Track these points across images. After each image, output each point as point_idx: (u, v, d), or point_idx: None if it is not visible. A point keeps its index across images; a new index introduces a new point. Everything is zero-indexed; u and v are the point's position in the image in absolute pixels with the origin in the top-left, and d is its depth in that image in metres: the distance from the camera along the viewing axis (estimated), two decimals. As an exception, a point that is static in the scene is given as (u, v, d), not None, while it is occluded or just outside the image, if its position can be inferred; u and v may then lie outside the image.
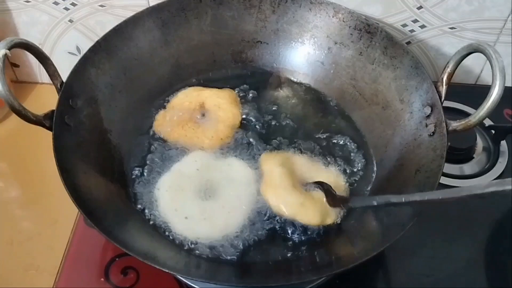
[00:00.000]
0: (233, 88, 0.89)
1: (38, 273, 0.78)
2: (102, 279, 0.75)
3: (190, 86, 0.88)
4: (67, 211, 0.81)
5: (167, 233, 0.70)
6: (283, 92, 0.90)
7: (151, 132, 0.82)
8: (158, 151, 0.80)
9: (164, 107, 0.86)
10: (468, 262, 0.79)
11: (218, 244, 0.69)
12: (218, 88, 0.88)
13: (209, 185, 0.75)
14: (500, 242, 0.82)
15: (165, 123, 0.82)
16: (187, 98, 0.85)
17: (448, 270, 0.78)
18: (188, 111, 0.84)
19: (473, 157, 0.91)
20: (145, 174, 0.77)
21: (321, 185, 0.74)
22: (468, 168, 0.90)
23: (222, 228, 0.70)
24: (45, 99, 1.03)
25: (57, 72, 0.71)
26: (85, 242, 0.80)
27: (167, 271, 0.58)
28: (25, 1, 0.94)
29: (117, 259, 0.77)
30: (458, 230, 0.82)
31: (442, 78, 0.73)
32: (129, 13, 0.85)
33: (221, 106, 0.84)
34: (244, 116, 0.85)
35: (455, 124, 0.70)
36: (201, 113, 0.84)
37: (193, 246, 0.69)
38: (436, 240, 0.81)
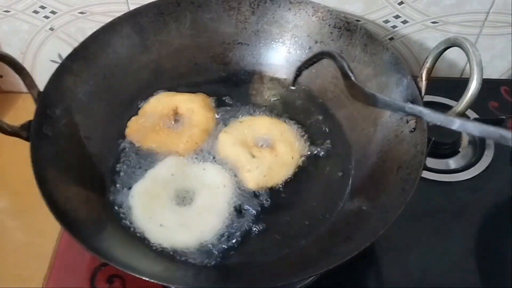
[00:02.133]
0: (214, 90, 0.89)
1: (25, 283, 0.77)
2: (88, 288, 0.75)
3: (171, 90, 0.88)
4: (53, 221, 0.80)
5: (146, 240, 0.70)
6: (265, 93, 0.90)
7: (124, 139, 0.82)
8: (133, 158, 0.79)
9: (136, 113, 0.85)
10: (460, 256, 0.79)
11: (196, 249, 0.68)
12: (193, 92, 0.87)
13: (184, 190, 0.75)
14: (492, 234, 0.82)
15: (138, 129, 0.82)
16: (159, 103, 0.85)
17: (440, 265, 0.77)
18: (161, 116, 0.83)
19: (459, 151, 0.91)
20: (122, 181, 0.76)
21: (329, 55, 0.73)
22: (454, 162, 0.90)
23: (198, 234, 0.69)
24: (30, 109, 1.02)
25: (34, 82, 0.71)
26: (70, 251, 0.80)
27: (148, 280, 0.58)
28: (4, 11, 0.93)
29: (102, 267, 0.77)
30: (450, 224, 0.82)
31: (422, 74, 0.73)
32: (110, 19, 0.85)
33: (194, 110, 0.83)
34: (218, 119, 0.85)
35: (434, 119, 0.69)
36: (175, 118, 0.83)
37: (172, 253, 0.68)
38: (427, 236, 0.81)
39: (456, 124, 0.55)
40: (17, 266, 0.80)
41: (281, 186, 0.77)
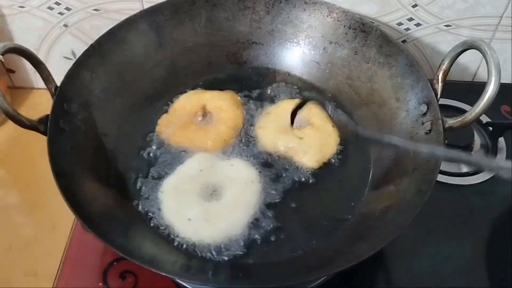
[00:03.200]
0: (229, 89, 0.88)
1: (37, 278, 0.77)
2: (101, 284, 0.74)
3: (186, 88, 0.88)
4: (65, 216, 0.80)
5: (168, 235, 0.70)
6: (280, 92, 0.90)
7: (151, 136, 0.82)
8: (160, 154, 0.79)
9: (166, 111, 0.85)
10: (469, 259, 0.79)
11: (220, 245, 0.69)
12: (219, 90, 0.87)
13: (212, 186, 0.75)
14: (501, 239, 0.81)
15: (168, 126, 0.82)
16: (189, 101, 0.85)
17: (449, 268, 0.77)
18: (190, 114, 0.84)
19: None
20: (149, 177, 0.76)
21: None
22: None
23: (225, 229, 0.70)
24: (42, 104, 1.02)
25: (51, 76, 0.71)
26: (82, 247, 0.79)
27: (166, 275, 0.58)
28: (19, 7, 0.94)
29: (115, 263, 0.76)
30: (459, 228, 0.82)
31: (438, 76, 0.73)
32: (124, 17, 0.85)
33: (223, 108, 0.84)
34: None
35: (451, 122, 0.70)
36: (203, 116, 0.84)
37: (193, 248, 0.68)
38: (437, 238, 0.81)
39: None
40: (28, 262, 0.79)
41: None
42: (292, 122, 0.82)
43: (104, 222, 0.64)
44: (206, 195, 0.74)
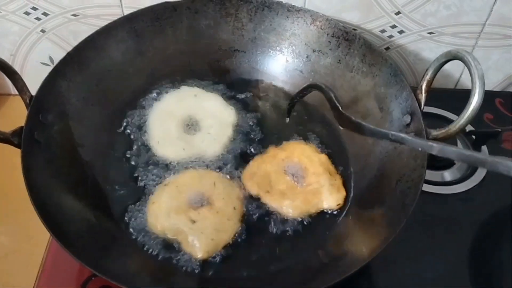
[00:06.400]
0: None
1: (14, 292, 0.75)
2: (78, 298, 0.73)
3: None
4: (42, 228, 0.78)
5: (145, 247, 0.68)
6: (261, 100, 0.89)
7: (131, 147, 0.80)
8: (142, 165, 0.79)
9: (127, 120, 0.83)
10: (454, 267, 0.78)
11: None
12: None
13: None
14: (486, 247, 0.81)
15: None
16: None
17: (435, 276, 0.77)
18: None
19: (454, 163, 0.90)
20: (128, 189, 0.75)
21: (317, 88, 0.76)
22: (449, 174, 0.89)
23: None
24: (19, 112, 0.99)
25: (26, 86, 0.69)
26: (60, 259, 0.77)
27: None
28: (-5, 12, 0.91)
29: (93, 278, 0.74)
30: (444, 236, 0.82)
31: (421, 86, 0.73)
32: (103, 23, 0.83)
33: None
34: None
35: (435, 133, 0.69)
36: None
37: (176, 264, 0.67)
38: (422, 246, 0.80)
39: (435, 149, 0.56)
40: (4, 274, 0.77)
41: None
42: (288, 113, 0.81)
43: (80, 238, 0.62)
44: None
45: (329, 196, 0.76)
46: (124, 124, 0.83)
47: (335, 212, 0.75)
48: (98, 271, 0.56)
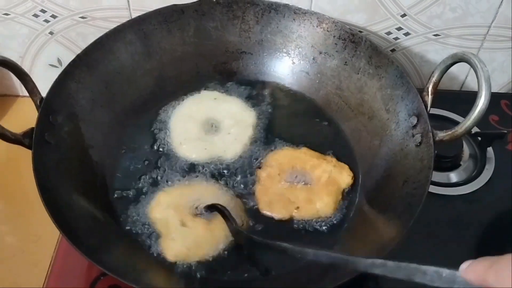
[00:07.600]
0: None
1: (22, 292, 0.76)
2: (87, 298, 0.73)
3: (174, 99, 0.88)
4: (51, 227, 0.79)
5: (151, 250, 0.69)
6: (268, 102, 0.89)
7: (140, 147, 0.81)
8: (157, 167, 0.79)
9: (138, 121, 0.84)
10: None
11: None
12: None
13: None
14: (492, 249, 0.81)
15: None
16: None
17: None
18: None
19: (460, 165, 0.91)
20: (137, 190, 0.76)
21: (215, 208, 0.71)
22: (455, 175, 0.89)
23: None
24: (27, 113, 0.99)
25: (36, 88, 0.70)
26: (69, 259, 0.77)
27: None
28: (4, 14, 0.92)
29: (102, 277, 0.75)
30: (450, 238, 0.82)
31: (428, 88, 0.73)
32: (111, 25, 0.84)
33: None
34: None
35: (441, 135, 0.69)
36: None
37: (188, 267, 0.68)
38: (427, 248, 0.80)
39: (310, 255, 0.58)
40: (13, 274, 0.78)
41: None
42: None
43: (90, 237, 0.63)
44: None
45: (340, 176, 0.78)
46: (133, 124, 0.84)
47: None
48: (109, 270, 0.57)
